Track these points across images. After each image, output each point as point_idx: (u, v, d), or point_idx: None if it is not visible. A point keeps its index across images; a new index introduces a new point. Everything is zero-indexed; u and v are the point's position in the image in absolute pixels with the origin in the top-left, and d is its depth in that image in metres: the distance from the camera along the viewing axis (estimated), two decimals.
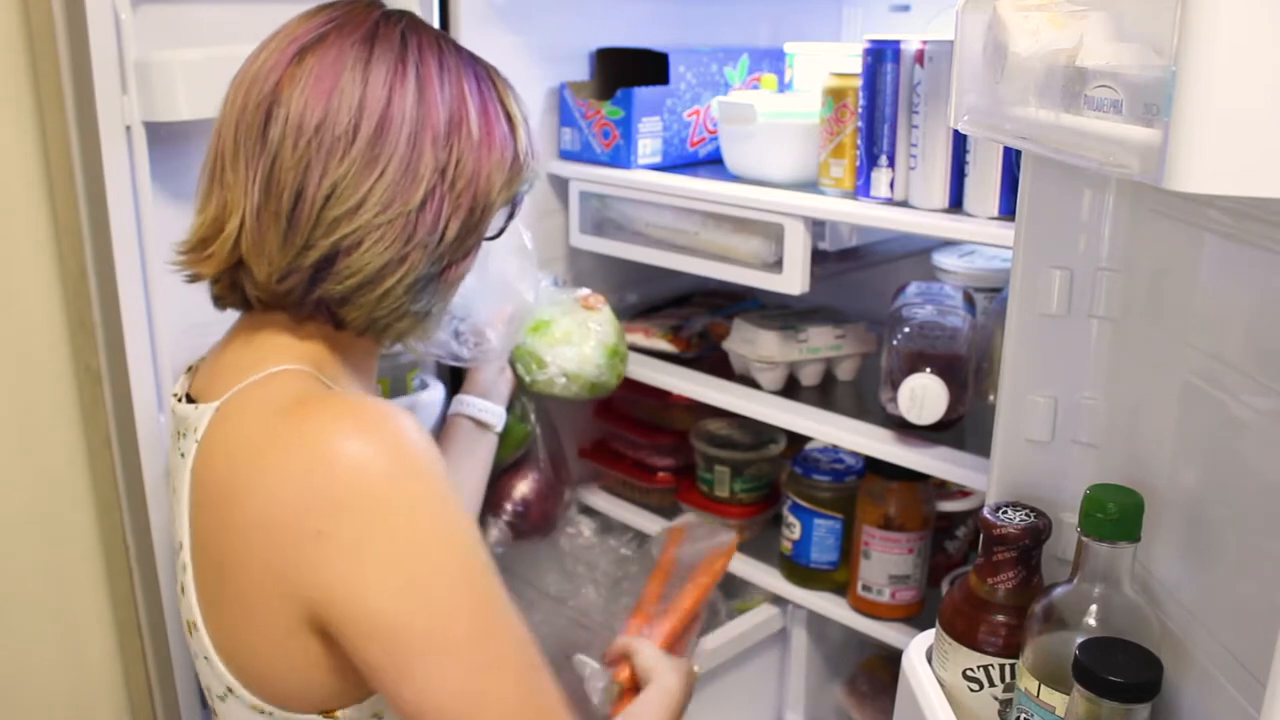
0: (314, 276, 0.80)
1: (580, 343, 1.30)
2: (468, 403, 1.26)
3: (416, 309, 0.85)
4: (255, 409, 0.79)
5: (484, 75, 0.87)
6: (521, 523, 1.37)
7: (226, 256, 0.81)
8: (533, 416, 1.37)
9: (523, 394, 1.34)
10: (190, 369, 0.92)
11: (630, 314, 1.61)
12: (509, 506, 1.36)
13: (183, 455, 0.82)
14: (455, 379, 1.45)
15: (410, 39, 0.82)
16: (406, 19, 0.84)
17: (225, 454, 0.79)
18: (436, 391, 1.35)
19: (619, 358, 1.35)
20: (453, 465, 1.22)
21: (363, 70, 0.79)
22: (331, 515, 0.72)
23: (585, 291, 1.38)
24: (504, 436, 1.29)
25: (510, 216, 0.93)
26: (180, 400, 0.86)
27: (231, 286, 0.83)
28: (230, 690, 0.81)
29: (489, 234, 0.89)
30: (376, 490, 0.72)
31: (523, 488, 1.37)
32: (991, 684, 0.78)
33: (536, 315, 1.30)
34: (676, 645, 1.15)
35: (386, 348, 0.94)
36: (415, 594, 0.73)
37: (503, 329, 1.23)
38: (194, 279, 0.84)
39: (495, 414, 1.26)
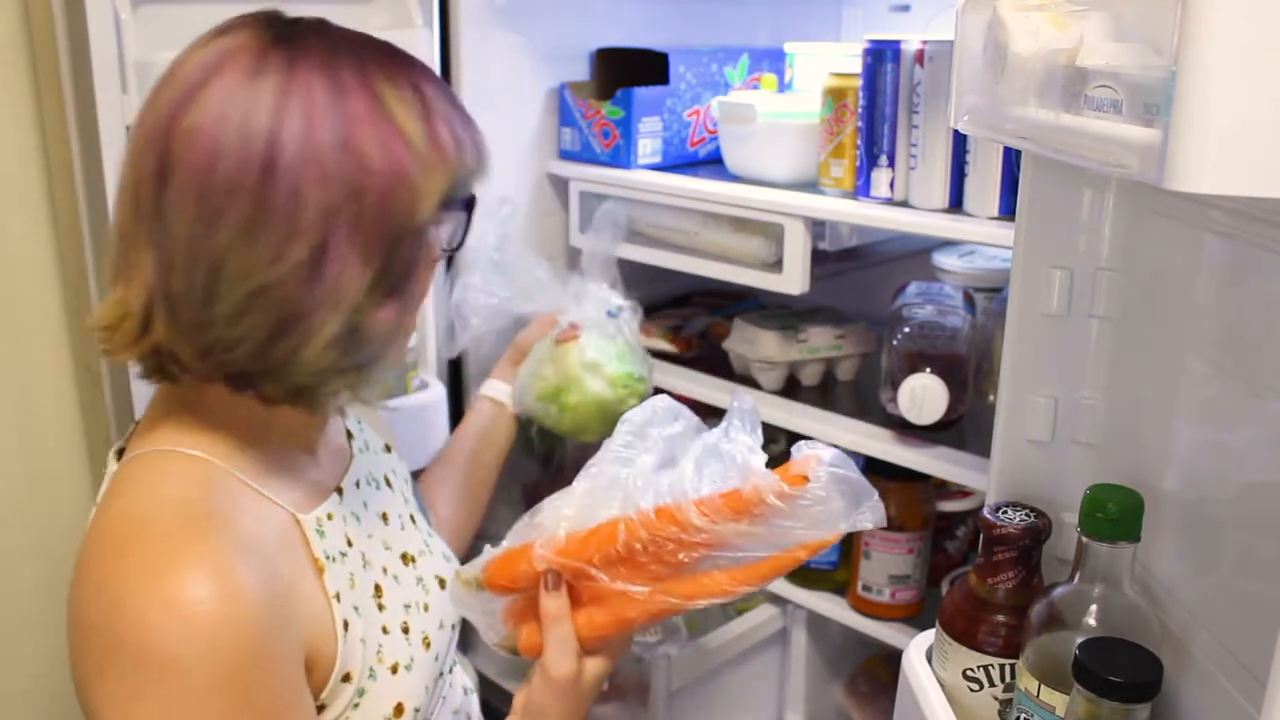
0: (219, 353, 0.74)
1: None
2: (489, 385, 1.28)
3: (345, 366, 0.76)
4: (129, 495, 0.75)
5: (374, 85, 0.75)
6: None
7: (140, 343, 0.75)
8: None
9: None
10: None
11: None
12: None
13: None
14: (455, 379, 1.45)
15: (299, 65, 0.73)
16: (298, 35, 0.76)
17: (93, 529, 0.74)
18: (436, 391, 1.35)
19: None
20: (465, 447, 1.23)
21: (243, 118, 0.71)
22: (114, 661, 0.68)
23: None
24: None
25: (467, 225, 0.83)
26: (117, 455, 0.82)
27: (158, 366, 0.77)
28: None
29: (443, 250, 0.81)
30: (163, 660, 0.67)
31: None
32: (991, 684, 0.78)
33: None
34: (609, 636, 0.84)
35: (338, 412, 0.87)
36: None
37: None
38: (111, 357, 0.78)
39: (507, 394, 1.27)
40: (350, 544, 0.84)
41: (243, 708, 0.69)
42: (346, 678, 0.79)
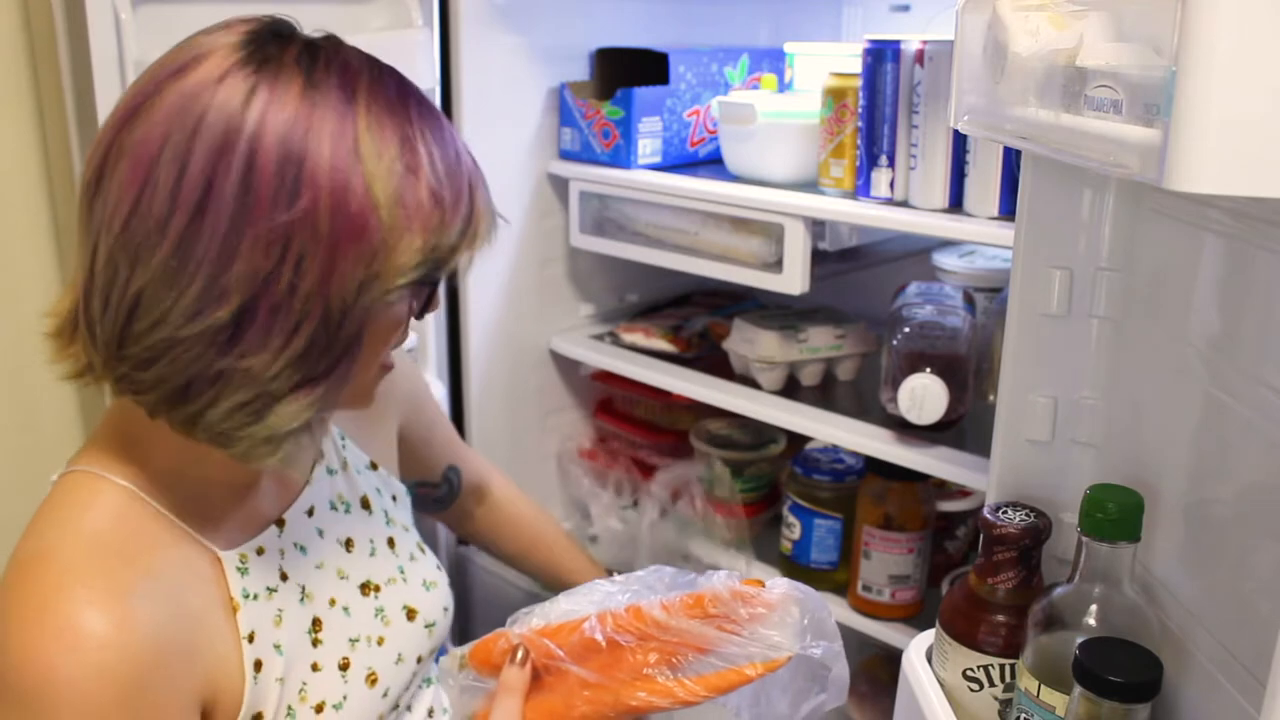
0: (130, 390, 0.68)
1: None
2: None
3: (256, 433, 0.67)
4: (43, 524, 0.71)
5: (354, 135, 0.64)
6: None
7: (65, 351, 0.70)
8: None
9: None
10: None
11: (630, 314, 1.61)
12: None
13: None
14: (455, 379, 1.45)
15: (264, 90, 0.63)
16: (280, 53, 0.65)
17: (12, 554, 0.70)
18: (436, 391, 1.35)
19: None
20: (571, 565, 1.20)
21: (185, 144, 0.62)
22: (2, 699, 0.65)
23: None
24: None
25: (429, 298, 0.74)
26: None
27: (80, 373, 0.71)
28: None
29: (401, 322, 0.72)
30: (37, 695, 0.63)
31: None
32: (991, 684, 0.78)
33: None
34: None
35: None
36: None
37: None
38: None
39: None
40: (285, 578, 0.80)
41: None
42: (258, 717, 0.76)
